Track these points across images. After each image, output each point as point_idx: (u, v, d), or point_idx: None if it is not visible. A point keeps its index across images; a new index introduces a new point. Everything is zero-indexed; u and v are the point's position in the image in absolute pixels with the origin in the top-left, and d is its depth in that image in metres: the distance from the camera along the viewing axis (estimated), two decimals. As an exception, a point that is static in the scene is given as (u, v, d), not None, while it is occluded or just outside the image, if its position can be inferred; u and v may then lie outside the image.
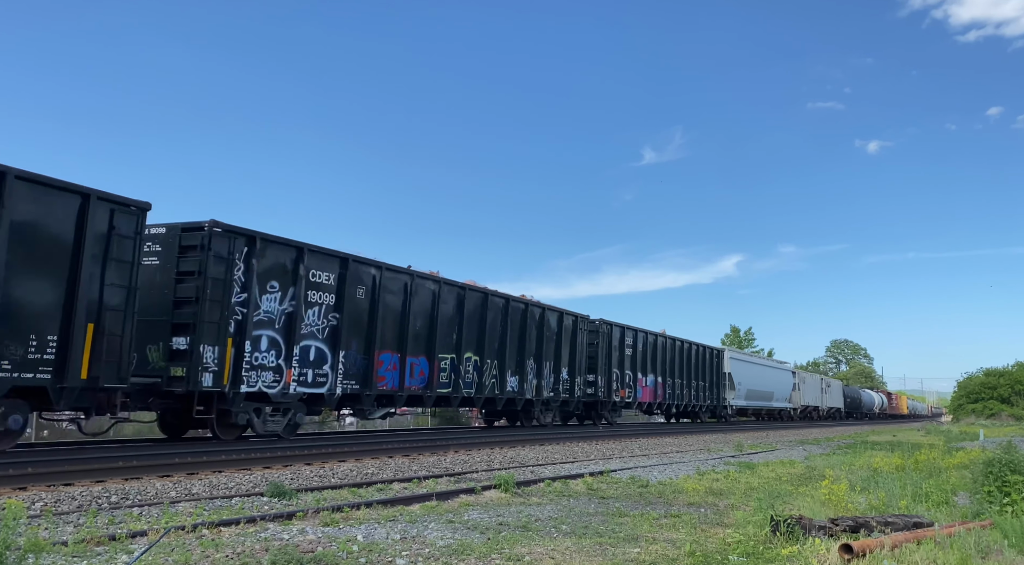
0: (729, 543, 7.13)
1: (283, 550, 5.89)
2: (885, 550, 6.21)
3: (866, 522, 7.28)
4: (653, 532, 7.70)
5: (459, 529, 7.42)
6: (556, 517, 8.40)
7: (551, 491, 10.71)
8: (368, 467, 12.51)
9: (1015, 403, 68.00)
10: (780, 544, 6.78)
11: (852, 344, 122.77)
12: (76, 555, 5.71)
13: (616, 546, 6.87)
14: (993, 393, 70.36)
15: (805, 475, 14.16)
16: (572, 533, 7.43)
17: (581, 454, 17.42)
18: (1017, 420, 61.40)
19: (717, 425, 39.09)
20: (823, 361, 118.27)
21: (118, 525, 7.14)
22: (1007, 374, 71.16)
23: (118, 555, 5.77)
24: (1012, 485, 8.70)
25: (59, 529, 6.78)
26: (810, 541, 6.66)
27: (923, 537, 6.69)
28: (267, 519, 7.48)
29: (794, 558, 6.31)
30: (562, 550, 6.57)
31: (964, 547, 6.34)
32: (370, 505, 8.53)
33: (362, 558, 5.99)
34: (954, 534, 6.78)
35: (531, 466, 14.33)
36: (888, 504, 9.35)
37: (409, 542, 6.70)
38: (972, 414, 68.35)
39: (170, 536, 6.42)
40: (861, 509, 8.92)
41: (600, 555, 6.46)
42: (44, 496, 8.37)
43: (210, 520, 7.19)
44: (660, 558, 6.43)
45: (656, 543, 7.05)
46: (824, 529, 6.98)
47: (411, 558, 6.07)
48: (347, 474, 11.66)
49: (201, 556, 5.85)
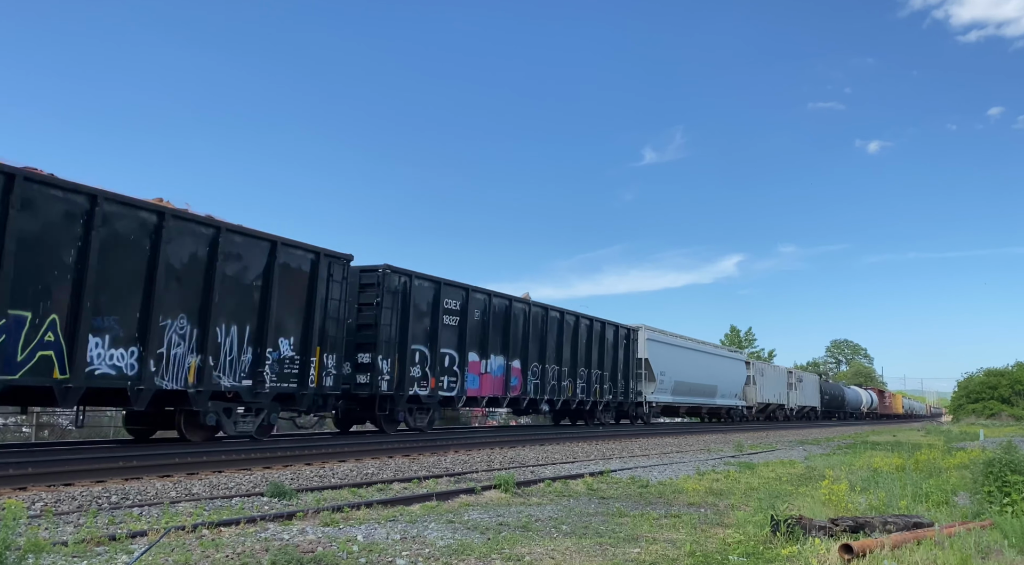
0: (729, 543, 7.12)
1: (283, 550, 5.89)
2: (885, 550, 6.21)
3: (866, 522, 7.27)
4: (653, 532, 7.70)
5: (459, 529, 7.42)
6: (556, 517, 8.39)
7: (551, 491, 10.71)
8: (368, 467, 12.51)
9: (1015, 403, 67.98)
10: (780, 544, 6.78)
11: (852, 344, 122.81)
12: (76, 555, 5.71)
13: (616, 546, 6.87)
14: (993, 393, 70.33)
15: (805, 475, 14.16)
16: (572, 533, 7.43)
17: (581, 454, 17.42)
18: (1017, 420, 61.39)
19: (717, 425, 39.02)
20: (823, 361, 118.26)
21: (118, 525, 7.14)
22: (1007, 374, 71.14)
23: (118, 555, 5.76)
24: (1012, 485, 8.69)
25: (59, 529, 6.78)
26: (810, 541, 6.66)
27: (923, 537, 6.69)
28: (267, 519, 7.48)
29: (794, 558, 6.31)
30: (562, 550, 6.57)
31: (964, 547, 6.34)
32: (370, 505, 8.53)
33: (362, 558, 5.99)
34: (954, 534, 6.78)
35: (531, 466, 14.33)
36: (888, 504, 9.35)
37: (409, 542, 6.70)
38: (972, 414, 68.33)
39: (170, 536, 6.42)
40: (861, 509, 8.91)
41: (600, 555, 6.46)
42: (44, 496, 8.36)
43: (210, 520, 7.18)
44: (660, 558, 6.43)
45: (656, 543, 7.05)
46: (824, 529, 6.97)
47: (411, 558, 6.07)
48: (347, 474, 11.66)
49: (201, 556, 5.84)
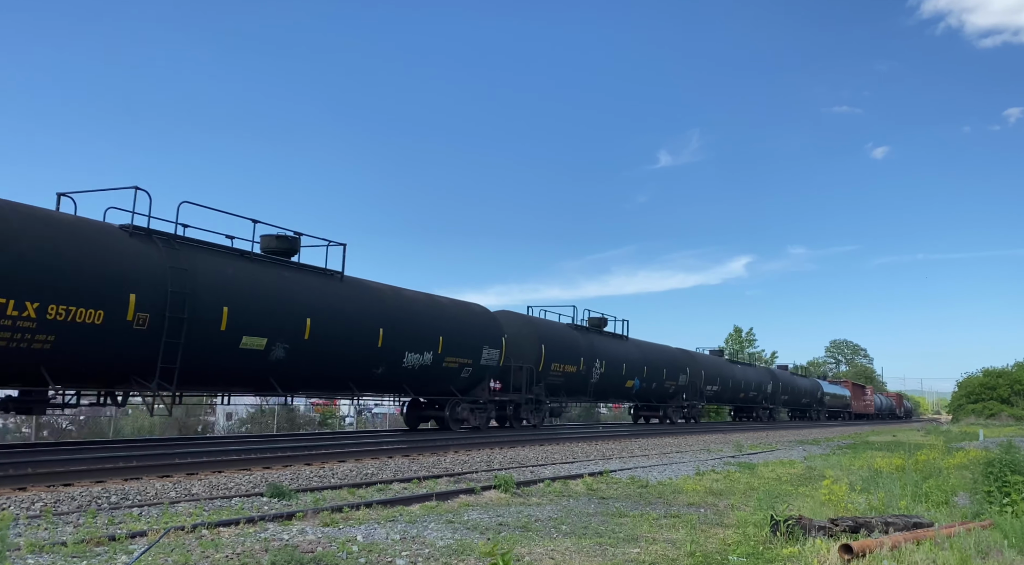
0: (729, 543, 7.12)
1: (283, 550, 5.89)
2: (885, 550, 6.21)
3: (866, 522, 7.27)
4: (653, 532, 7.70)
5: (459, 529, 7.41)
6: (556, 517, 8.39)
7: (551, 491, 10.71)
8: (368, 467, 12.50)
9: (1015, 403, 67.90)
10: (780, 544, 6.78)
11: (852, 344, 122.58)
12: (76, 555, 5.71)
13: (616, 546, 6.87)
14: (993, 393, 70.23)
15: (805, 475, 14.16)
16: (572, 533, 7.43)
17: (581, 454, 17.41)
18: (1017, 420, 61.33)
19: (717, 425, 39.02)
20: (823, 361, 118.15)
21: (118, 525, 7.14)
22: (1007, 374, 71.06)
23: (118, 555, 5.76)
24: (1012, 485, 8.69)
25: (59, 529, 6.77)
26: (810, 541, 6.66)
27: (923, 537, 6.69)
28: (267, 519, 7.48)
29: (794, 558, 6.31)
30: (562, 550, 6.56)
31: (964, 547, 6.34)
32: (370, 505, 8.52)
33: (362, 558, 5.99)
34: (954, 534, 6.78)
35: (531, 466, 14.32)
36: (888, 504, 9.35)
37: (409, 542, 6.70)
38: (972, 414, 68.27)
39: (170, 536, 6.42)
40: (861, 509, 8.91)
41: (600, 555, 6.46)
42: (44, 496, 8.36)
43: (210, 520, 7.18)
44: (660, 558, 6.42)
45: (656, 543, 7.04)
46: (824, 529, 6.97)
47: (411, 558, 6.07)
48: (347, 474, 11.65)
49: (201, 556, 5.84)
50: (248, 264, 14.21)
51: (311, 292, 15.24)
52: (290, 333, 14.37)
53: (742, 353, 66.60)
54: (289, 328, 14.35)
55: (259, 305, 13.82)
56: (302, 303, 14.79)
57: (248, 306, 13.55)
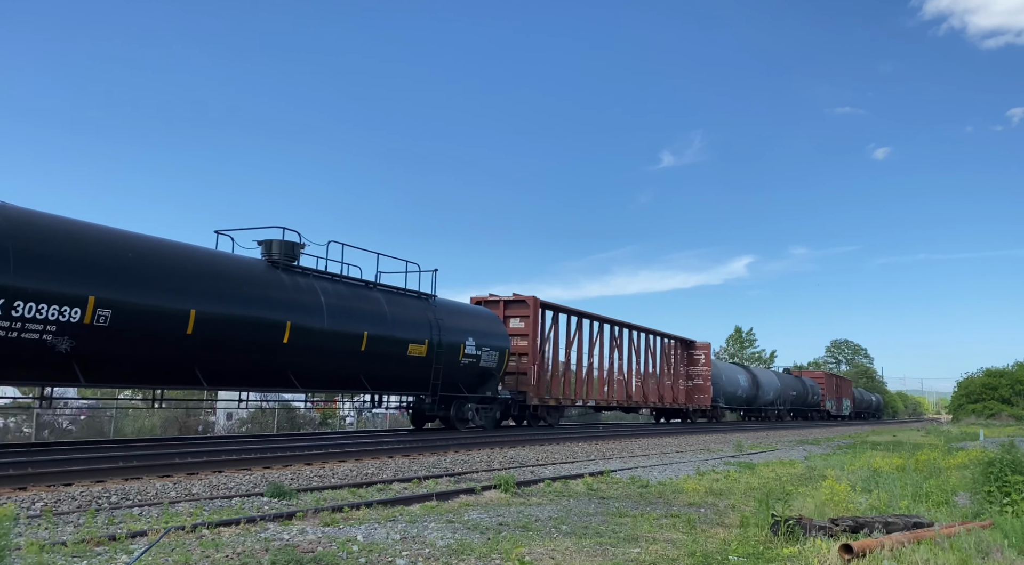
0: (729, 543, 7.12)
1: (283, 550, 5.89)
2: (885, 550, 6.21)
3: (866, 522, 7.27)
4: (653, 532, 7.70)
5: (459, 529, 7.41)
6: (556, 517, 8.39)
7: (551, 491, 10.71)
8: (368, 467, 12.50)
9: (1015, 403, 67.84)
10: (780, 544, 6.78)
11: (852, 344, 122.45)
12: (76, 555, 5.71)
13: (616, 546, 6.87)
14: (993, 393, 70.16)
15: (805, 475, 14.15)
16: (572, 533, 7.43)
17: (581, 454, 17.41)
18: (1017, 420, 61.28)
19: (717, 425, 39.03)
20: (823, 361, 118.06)
21: (118, 525, 7.14)
22: (1007, 374, 70.99)
23: (118, 555, 5.76)
24: (1012, 485, 8.69)
25: (59, 529, 6.77)
26: (810, 541, 6.66)
27: (923, 537, 6.69)
28: (267, 519, 7.48)
29: (794, 558, 6.31)
30: (562, 550, 6.56)
31: (964, 547, 6.34)
32: (370, 505, 8.52)
33: (362, 558, 5.99)
34: (954, 534, 6.78)
35: (531, 466, 14.32)
36: (889, 504, 9.34)
37: (409, 542, 6.70)
38: (972, 414, 68.22)
39: (170, 536, 6.42)
40: (862, 509, 8.91)
41: (600, 555, 6.46)
42: (44, 496, 8.36)
43: (210, 520, 7.18)
44: (660, 558, 6.42)
45: (656, 543, 7.04)
46: (824, 529, 6.97)
47: (411, 558, 6.07)
48: (347, 474, 11.65)
49: (201, 556, 5.84)
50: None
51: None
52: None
53: (742, 353, 66.60)
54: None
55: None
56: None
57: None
